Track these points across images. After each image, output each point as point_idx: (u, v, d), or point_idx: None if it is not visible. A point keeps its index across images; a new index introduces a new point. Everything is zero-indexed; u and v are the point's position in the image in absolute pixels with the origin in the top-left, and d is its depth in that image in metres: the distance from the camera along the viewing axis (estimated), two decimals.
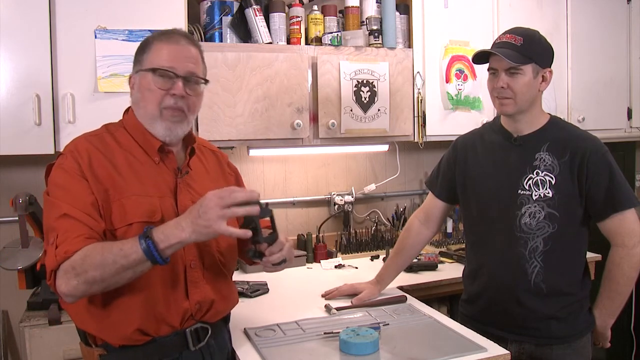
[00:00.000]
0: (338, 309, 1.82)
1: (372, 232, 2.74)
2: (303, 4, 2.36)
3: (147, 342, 1.30)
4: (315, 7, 2.40)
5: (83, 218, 1.22)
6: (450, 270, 2.35)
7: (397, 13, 2.47)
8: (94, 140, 1.34)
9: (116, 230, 1.26)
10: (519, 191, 1.68)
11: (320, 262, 2.52)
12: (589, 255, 1.77)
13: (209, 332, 1.40)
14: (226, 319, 1.52)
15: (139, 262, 1.16)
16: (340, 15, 2.45)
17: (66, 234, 1.19)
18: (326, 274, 2.37)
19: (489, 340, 1.55)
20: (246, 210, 1.18)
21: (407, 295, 1.95)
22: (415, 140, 2.52)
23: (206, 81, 1.40)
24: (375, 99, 2.40)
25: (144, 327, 1.29)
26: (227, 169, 1.59)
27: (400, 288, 2.06)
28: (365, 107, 2.38)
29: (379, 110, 2.41)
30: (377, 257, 2.60)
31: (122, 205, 1.27)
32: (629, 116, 3.01)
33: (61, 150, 1.90)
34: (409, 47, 2.51)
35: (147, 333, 1.30)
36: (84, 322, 1.31)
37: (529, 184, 1.67)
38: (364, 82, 2.38)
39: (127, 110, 1.43)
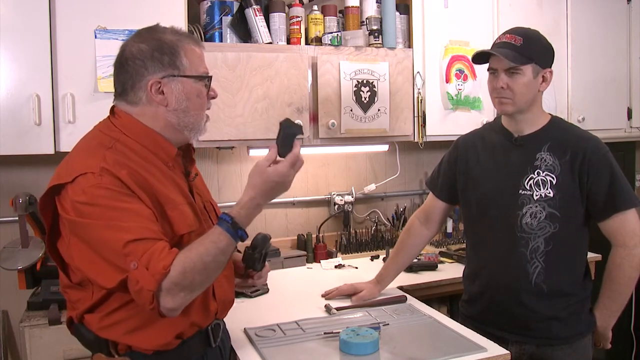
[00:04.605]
0: (338, 309, 1.82)
1: (372, 232, 2.74)
2: (303, 4, 2.36)
3: (177, 345, 1.29)
4: (315, 7, 2.39)
5: (153, 234, 1.16)
6: (450, 270, 2.35)
7: (397, 13, 2.47)
8: (113, 151, 1.23)
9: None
10: (520, 191, 1.67)
11: (320, 262, 2.52)
12: (589, 255, 1.77)
13: (221, 327, 1.42)
14: None
15: (232, 251, 1.22)
16: (340, 15, 2.45)
17: (147, 253, 1.13)
18: (326, 274, 2.37)
19: (489, 340, 1.55)
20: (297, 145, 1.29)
21: (407, 295, 1.95)
22: (415, 140, 2.52)
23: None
24: (375, 99, 2.40)
25: (182, 332, 1.29)
26: None
27: (400, 288, 2.06)
28: (365, 107, 2.38)
29: (379, 110, 2.41)
30: (377, 257, 2.60)
31: (170, 217, 1.23)
32: (629, 116, 3.01)
33: (62, 150, 1.92)
34: (409, 47, 2.51)
35: (181, 337, 1.29)
36: (116, 333, 1.25)
37: (530, 184, 1.67)
38: (364, 82, 2.38)
39: (112, 114, 1.32)
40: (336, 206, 2.73)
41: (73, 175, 1.17)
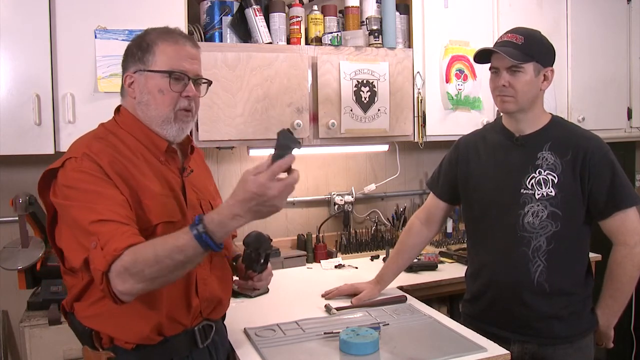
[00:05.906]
0: (338, 309, 1.82)
1: (372, 232, 2.74)
2: (303, 4, 2.36)
3: (159, 342, 1.31)
4: (315, 7, 2.39)
5: (121, 219, 1.18)
6: (450, 270, 2.35)
7: (397, 13, 2.47)
8: (103, 141, 1.30)
9: (141, 231, 1.22)
10: (522, 190, 1.68)
11: (320, 262, 2.52)
12: (590, 255, 1.77)
13: (214, 328, 1.42)
14: (224, 315, 1.53)
15: (197, 255, 1.14)
16: (340, 15, 2.45)
17: (109, 234, 1.15)
18: (326, 274, 2.37)
19: (489, 340, 1.55)
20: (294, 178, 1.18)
21: (407, 295, 1.95)
22: (415, 140, 2.52)
23: (210, 82, 1.41)
24: (375, 99, 2.40)
25: (160, 327, 1.29)
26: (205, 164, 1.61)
27: (400, 288, 2.06)
28: (365, 107, 2.38)
29: (379, 110, 2.40)
30: (377, 257, 2.60)
31: (146, 206, 1.26)
32: (629, 116, 3.01)
33: (62, 150, 1.92)
34: (409, 47, 2.51)
35: (162, 333, 1.30)
36: (99, 322, 1.28)
37: (532, 183, 1.67)
38: (364, 82, 2.37)
39: (117, 110, 1.40)
40: (336, 206, 2.73)
41: (62, 161, 1.25)
